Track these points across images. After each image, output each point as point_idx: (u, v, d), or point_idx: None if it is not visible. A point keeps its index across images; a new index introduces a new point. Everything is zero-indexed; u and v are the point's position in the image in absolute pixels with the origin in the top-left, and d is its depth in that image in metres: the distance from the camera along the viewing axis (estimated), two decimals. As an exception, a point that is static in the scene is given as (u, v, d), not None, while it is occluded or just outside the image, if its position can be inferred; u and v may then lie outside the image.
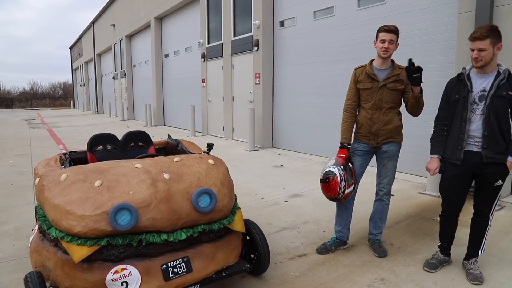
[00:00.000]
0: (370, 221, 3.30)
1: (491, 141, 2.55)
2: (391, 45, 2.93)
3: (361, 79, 3.09)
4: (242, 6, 9.72)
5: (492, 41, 2.46)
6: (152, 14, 15.37)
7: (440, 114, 2.84)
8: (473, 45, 2.51)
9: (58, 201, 2.10)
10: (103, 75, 27.12)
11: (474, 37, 2.49)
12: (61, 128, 15.35)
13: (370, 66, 3.07)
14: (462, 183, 2.72)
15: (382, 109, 3.01)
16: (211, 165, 2.57)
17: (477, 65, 2.55)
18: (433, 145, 2.85)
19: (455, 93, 2.70)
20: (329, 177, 2.89)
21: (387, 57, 2.98)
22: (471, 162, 2.64)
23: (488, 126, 2.54)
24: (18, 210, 4.44)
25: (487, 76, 2.59)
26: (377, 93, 3.01)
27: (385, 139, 3.06)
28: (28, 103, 51.94)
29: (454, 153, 2.69)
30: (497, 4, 4.51)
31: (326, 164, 3.01)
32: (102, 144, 3.32)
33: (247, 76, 9.58)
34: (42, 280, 2.10)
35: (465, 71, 2.69)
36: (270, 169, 6.62)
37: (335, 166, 2.93)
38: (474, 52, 2.51)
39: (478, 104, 2.59)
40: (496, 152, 2.56)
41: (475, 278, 2.67)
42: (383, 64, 3.03)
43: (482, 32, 2.45)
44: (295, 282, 2.73)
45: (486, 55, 2.48)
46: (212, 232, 2.36)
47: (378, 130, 3.04)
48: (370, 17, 6.39)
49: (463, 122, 2.64)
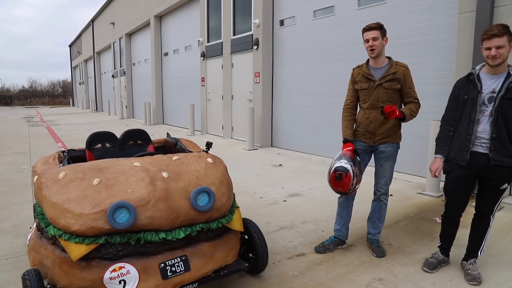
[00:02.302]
0: (369, 221, 3.30)
1: (499, 143, 2.51)
2: (375, 42, 2.91)
3: (358, 79, 3.10)
4: (242, 5, 9.71)
5: (509, 38, 2.42)
6: (152, 12, 15.34)
7: (447, 114, 2.79)
8: (490, 43, 2.43)
9: (56, 199, 2.09)
10: (103, 73, 27.07)
11: (492, 34, 2.41)
12: (60, 126, 15.33)
13: (366, 66, 3.07)
14: (466, 185, 2.70)
15: (379, 108, 3.01)
16: (210, 164, 2.57)
17: (495, 63, 2.46)
18: (438, 145, 2.81)
19: (464, 93, 2.65)
20: (342, 173, 2.84)
21: (376, 55, 2.96)
22: (477, 163, 2.60)
23: (496, 128, 2.50)
24: (16, 208, 4.43)
25: (497, 77, 2.54)
26: (374, 92, 3.01)
27: (382, 139, 3.06)
28: (27, 100, 51.88)
29: (460, 154, 2.66)
30: (498, 5, 4.51)
31: (336, 159, 2.94)
32: (100, 142, 3.32)
33: (247, 75, 9.57)
34: (40, 278, 2.09)
35: (475, 71, 2.64)
36: (269, 168, 6.62)
37: (346, 161, 2.88)
38: (492, 50, 2.43)
39: (487, 106, 2.55)
40: (504, 155, 2.51)
41: (474, 279, 2.67)
42: (377, 62, 3.02)
43: (500, 29, 2.40)
44: (293, 282, 2.73)
45: (505, 52, 2.42)
46: (210, 231, 2.36)
47: (375, 129, 3.04)
48: (370, 16, 6.38)
49: (471, 123, 2.59)
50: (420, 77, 5.62)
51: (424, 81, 5.57)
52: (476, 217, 2.78)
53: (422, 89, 5.51)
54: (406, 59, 5.80)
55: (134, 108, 20.06)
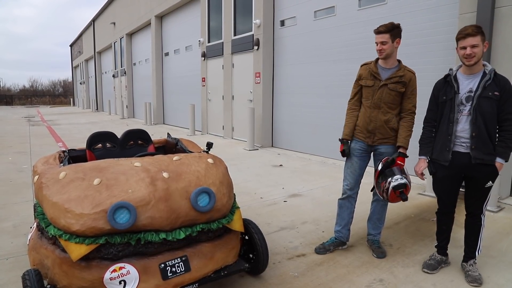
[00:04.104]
0: (369, 222, 3.29)
1: (479, 142, 2.56)
2: (384, 46, 2.92)
3: (364, 76, 3.09)
4: (242, 5, 9.71)
5: (482, 38, 2.51)
6: (153, 12, 15.35)
7: (428, 116, 2.87)
8: (465, 42, 2.52)
9: (57, 199, 2.09)
10: (103, 73, 27.09)
11: (466, 33, 2.51)
12: (60, 125, 15.34)
13: (374, 65, 3.06)
14: (452, 184, 2.75)
15: (381, 108, 3.00)
16: (210, 164, 2.57)
17: (471, 62, 2.55)
18: (421, 146, 2.89)
19: (442, 94, 2.72)
20: (403, 190, 2.74)
21: (384, 57, 2.97)
22: (459, 163, 2.66)
23: (476, 127, 2.56)
24: (16, 208, 4.43)
25: (474, 76, 2.61)
26: (377, 92, 3.00)
27: (381, 139, 3.04)
28: (28, 100, 51.92)
29: (442, 154, 2.72)
30: (498, 5, 4.51)
31: (390, 177, 2.79)
32: (101, 142, 3.32)
33: (247, 75, 9.57)
34: (40, 278, 2.09)
35: (452, 72, 2.71)
36: (269, 169, 6.62)
37: (399, 176, 2.78)
38: (467, 49, 2.52)
39: (465, 105, 2.61)
40: (484, 153, 2.57)
41: (474, 280, 2.66)
42: (386, 63, 3.01)
43: (473, 29, 2.50)
44: (294, 282, 2.72)
45: (479, 51, 2.51)
46: (210, 232, 2.35)
47: (374, 129, 3.03)
48: (371, 17, 6.38)
49: (450, 124, 2.66)
50: (421, 77, 5.61)
51: (424, 81, 5.56)
52: (468, 217, 2.81)
53: (423, 90, 5.49)
54: (406, 59, 5.79)
55: (134, 108, 20.07)
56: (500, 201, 4.48)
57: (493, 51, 4.58)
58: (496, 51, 4.55)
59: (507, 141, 2.56)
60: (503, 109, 2.54)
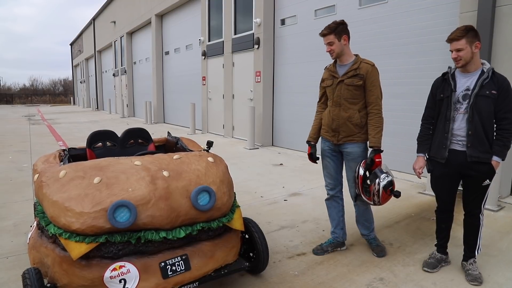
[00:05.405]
0: (358, 224, 3.27)
1: (475, 140, 2.57)
2: (331, 47, 2.95)
3: (325, 77, 3.14)
4: (243, 4, 9.69)
5: (468, 40, 2.53)
6: (153, 11, 15.34)
7: (426, 113, 2.88)
8: (451, 46, 2.59)
9: (57, 198, 2.09)
10: (104, 72, 27.08)
11: (450, 38, 2.58)
12: (61, 124, 15.34)
13: (333, 64, 3.10)
14: (449, 182, 2.76)
15: (342, 105, 2.98)
16: (211, 163, 2.57)
17: (458, 65, 2.62)
18: (419, 144, 2.91)
19: (439, 92, 2.74)
20: (393, 187, 2.78)
21: (335, 57, 3.01)
22: (456, 161, 2.66)
23: (472, 125, 2.56)
24: (17, 206, 4.44)
25: (471, 75, 2.63)
26: (336, 89, 3.00)
27: (345, 137, 2.99)
28: (28, 99, 51.87)
29: (439, 151, 2.73)
30: (499, 4, 4.50)
31: (379, 178, 2.80)
32: (101, 141, 3.32)
33: (248, 74, 9.57)
34: (40, 276, 2.10)
35: (450, 70, 2.74)
36: (269, 168, 6.62)
37: (385, 175, 2.80)
38: (453, 53, 2.59)
39: (461, 103, 2.62)
40: (480, 151, 2.57)
41: (474, 279, 2.67)
42: (342, 60, 3.04)
43: (457, 33, 2.54)
44: (294, 281, 2.72)
45: (465, 54, 2.55)
46: (211, 230, 2.36)
47: (338, 127, 3.00)
48: (371, 16, 6.37)
49: (447, 121, 2.67)
50: (421, 76, 5.61)
51: (425, 80, 5.55)
52: (466, 217, 2.80)
53: (423, 89, 5.50)
54: (407, 58, 5.80)
55: (135, 107, 20.07)
56: (500, 200, 4.48)
57: (494, 50, 4.57)
58: (497, 50, 4.54)
59: (504, 139, 2.55)
60: (500, 108, 2.53)
